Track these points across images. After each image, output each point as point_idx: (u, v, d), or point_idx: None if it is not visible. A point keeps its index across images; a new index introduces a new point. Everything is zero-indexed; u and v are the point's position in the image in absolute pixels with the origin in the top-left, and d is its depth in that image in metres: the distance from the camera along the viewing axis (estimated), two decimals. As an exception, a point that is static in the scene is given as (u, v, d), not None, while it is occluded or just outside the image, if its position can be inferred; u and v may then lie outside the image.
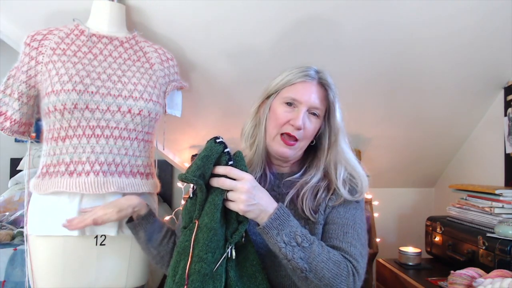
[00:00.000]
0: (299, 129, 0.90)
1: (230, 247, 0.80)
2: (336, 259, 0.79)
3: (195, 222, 0.80)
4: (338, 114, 0.94)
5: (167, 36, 1.45)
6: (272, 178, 0.98)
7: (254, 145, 0.97)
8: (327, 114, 0.95)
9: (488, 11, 1.40)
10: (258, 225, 0.80)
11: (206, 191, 0.80)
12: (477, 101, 1.84)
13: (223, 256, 0.79)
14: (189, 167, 0.78)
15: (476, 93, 1.80)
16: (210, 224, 0.77)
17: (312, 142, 0.97)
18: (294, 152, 0.93)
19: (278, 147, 0.92)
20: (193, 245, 0.77)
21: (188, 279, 0.75)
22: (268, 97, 0.97)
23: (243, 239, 0.83)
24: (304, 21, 1.42)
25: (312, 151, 1.00)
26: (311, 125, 0.92)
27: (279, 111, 0.92)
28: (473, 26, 1.46)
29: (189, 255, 0.77)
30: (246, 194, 0.77)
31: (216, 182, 0.79)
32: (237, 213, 0.80)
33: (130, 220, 1.06)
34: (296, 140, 0.91)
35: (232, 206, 0.79)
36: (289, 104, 0.92)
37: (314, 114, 0.92)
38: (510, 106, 1.69)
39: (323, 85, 0.94)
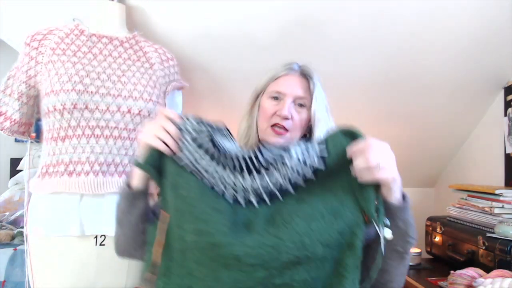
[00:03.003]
0: (286, 118, 0.90)
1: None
2: None
3: None
4: (315, 106, 0.93)
5: (167, 36, 1.45)
6: None
7: (247, 145, 0.98)
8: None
9: (488, 11, 1.40)
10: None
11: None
12: (477, 101, 1.84)
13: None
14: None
15: (476, 93, 1.80)
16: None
17: (306, 135, 0.98)
18: (287, 142, 0.93)
19: (270, 138, 0.93)
20: None
21: None
22: (257, 97, 0.99)
23: None
24: (304, 20, 1.42)
25: None
26: (299, 116, 0.93)
27: (267, 106, 0.94)
28: (473, 26, 1.46)
29: None
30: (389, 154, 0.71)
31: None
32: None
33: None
34: (286, 130, 0.92)
35: (379, 175, 0.68)
36: (275, 98, 0.94)
37: (301, 104, 0.93)
38: (510, 106, 1.69)
39: (305, 76, 0.95)
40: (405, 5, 1.36)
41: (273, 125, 0.92)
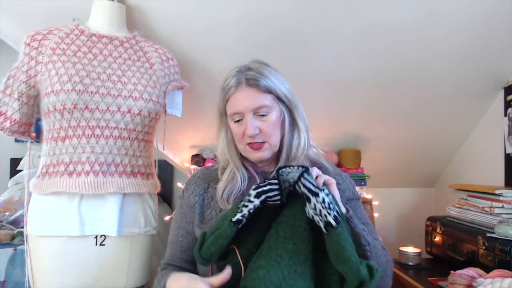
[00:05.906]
0: (253, 136, 0.90)
1: None
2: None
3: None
4: (281, 93, 0.93)
5: (167, 36, 1.45)
6: (262, 179, 0.97)
7: (229, 160, 0.97)
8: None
9: (488, 11, 1.40)
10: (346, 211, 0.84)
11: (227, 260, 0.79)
12: (477, 101, 1.84)
13: None
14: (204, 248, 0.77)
15: (476, 93, 1.80)
16: None
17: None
18: (268, 152, 0.94)
19: (251, 155, 0.94)
20: None
21: None
22: (222, 117, 0.98)
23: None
24: (305, 20, 1.42)
25: None
26: (266, 123, 0.91)
27: (233, 129, 0.94)
28: (473, 26, 1.46)
29: None
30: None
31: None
32: None
33: None
34: (261, 142, 0.92)
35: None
36: (238, 120, 0.93)
37: (262, 114, 0.92)
38: (510, 106, 1.69)
39: (252, 85, 0.92)
40: (405, 5, 1.36)
41: (248, 143, 0.93)
